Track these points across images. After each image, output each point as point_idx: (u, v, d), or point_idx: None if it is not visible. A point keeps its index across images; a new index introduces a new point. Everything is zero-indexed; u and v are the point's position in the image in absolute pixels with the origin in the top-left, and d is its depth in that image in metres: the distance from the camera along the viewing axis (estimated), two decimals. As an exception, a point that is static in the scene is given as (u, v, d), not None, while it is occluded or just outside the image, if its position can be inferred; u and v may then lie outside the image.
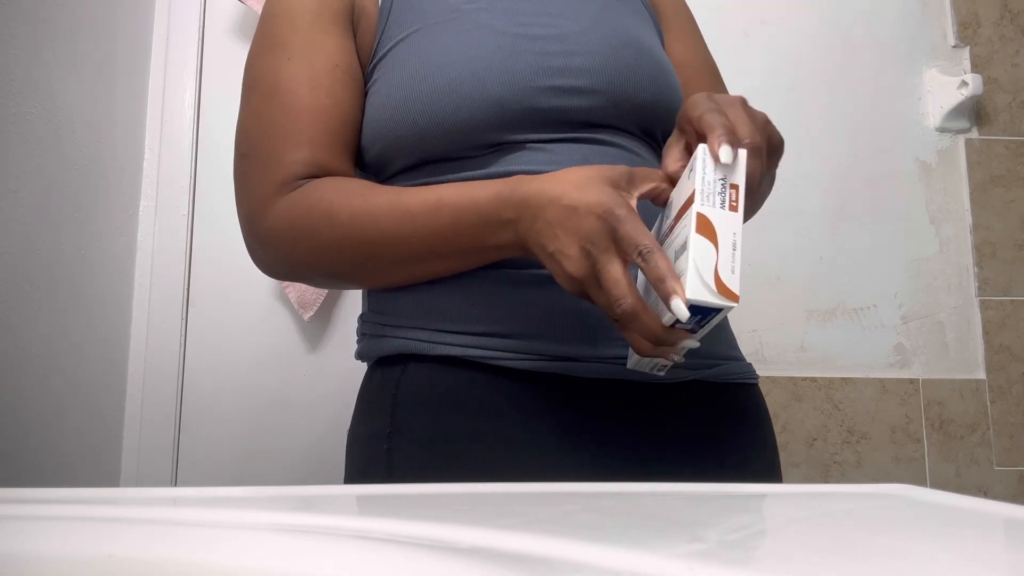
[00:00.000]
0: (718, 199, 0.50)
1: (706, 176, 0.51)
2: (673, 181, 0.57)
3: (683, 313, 0.49)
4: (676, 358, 0.54)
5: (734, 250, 0.49)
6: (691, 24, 0.87)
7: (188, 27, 1.40)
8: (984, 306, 1.54)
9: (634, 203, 0.54)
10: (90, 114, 1.16)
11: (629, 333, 0.54)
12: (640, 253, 0.51)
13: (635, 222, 0.52)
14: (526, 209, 0.57)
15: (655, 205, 0.58)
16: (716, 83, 0.85)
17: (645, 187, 0.56)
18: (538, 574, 0.23)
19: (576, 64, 0.69)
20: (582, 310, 0.65)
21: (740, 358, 0.75)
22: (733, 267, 0.49)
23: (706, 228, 0.50)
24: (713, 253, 0.49)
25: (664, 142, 0.66)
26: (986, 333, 1.53)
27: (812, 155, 1.55)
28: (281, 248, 0.68)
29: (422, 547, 0.26)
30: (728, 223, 0.50)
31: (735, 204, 0.50)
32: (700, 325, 0.51)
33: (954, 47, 1.63)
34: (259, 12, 1.34)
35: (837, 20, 1.61)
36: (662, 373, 0.60)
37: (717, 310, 0.49)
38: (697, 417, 0.68)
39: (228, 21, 1.42)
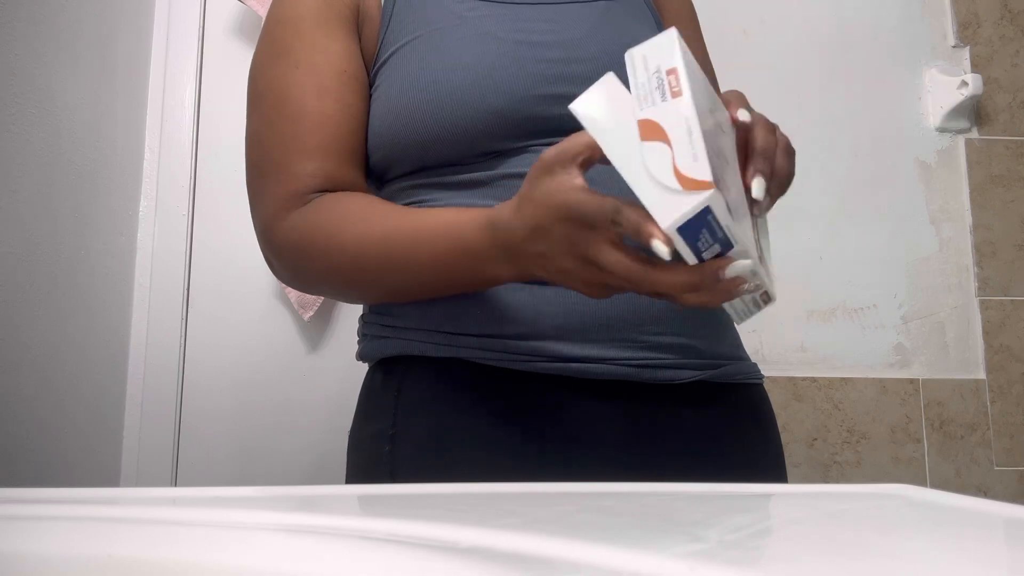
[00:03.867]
0: (657, 94, 0.45)
1: (638, 79, 0.46)
2: None
3: (663, 252, 0.43)
4: (748, 287, 0.47)
5: (690, 135, 0.43)
6: (691, 19, 0.87)
7: (188, 27, 1.40)
8: (984, 306, 1.54)
9: (579, 180, 0.50)
10: (90, 114, 1.16)
11: (688, 298, 0.48)
12: (612, 220, 0.47)
13: (590, 197, 0.48)
14: (510, 250, 0.55)
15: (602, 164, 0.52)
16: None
17: (580, 158, 0.51)
18: (538, 574, 0.23)
19: (575, 71, 0.68)
20: (585, 311, 0.65)
21: (745, 358, 0.75)
22: (695, 154, 0.42)
23: (652, 131, 0.44)
24: (667, 152, 0.43)
25: None
26: (986, 333, 1.53)
27: (812, 155, 1.54)
28: (289, 267, 0.69)
29: (422, 547, 0.26)
30: (675, 112, 0.44)
31: (677, 89, 0.44)
32: (714, 238, 0.43)
33: (954, 47, 1.63)
34: (259, 12, 1.34)
35: (837, 20, 1.61)
36: (766, 305, 0.52)
37: (703, 211, 0.42)
38: (702, 417, 0.68)
39: (228, 21, 1.42)
